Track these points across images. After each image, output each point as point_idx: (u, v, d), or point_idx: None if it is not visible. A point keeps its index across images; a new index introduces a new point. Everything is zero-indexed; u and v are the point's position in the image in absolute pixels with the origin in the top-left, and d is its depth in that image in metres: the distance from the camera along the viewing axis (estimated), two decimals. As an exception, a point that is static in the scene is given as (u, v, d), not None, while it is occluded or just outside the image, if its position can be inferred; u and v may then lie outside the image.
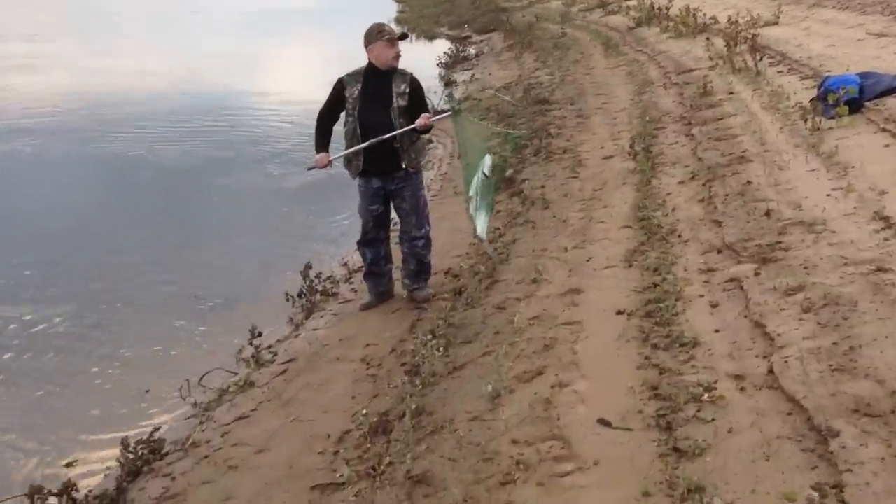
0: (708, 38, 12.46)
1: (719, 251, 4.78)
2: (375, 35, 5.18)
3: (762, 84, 9.35)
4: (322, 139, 5.37)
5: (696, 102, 9.25)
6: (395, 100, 5.23)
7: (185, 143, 13.21)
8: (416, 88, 5.35)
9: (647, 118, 9.24)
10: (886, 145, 5.81)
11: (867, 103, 6.99)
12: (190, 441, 4.33)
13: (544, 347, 4.10)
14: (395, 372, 4.57)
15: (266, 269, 7.43)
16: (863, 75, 7.47)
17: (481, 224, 4.83)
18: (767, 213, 5.03)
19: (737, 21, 12.60)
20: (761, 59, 10.40)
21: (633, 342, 3.92)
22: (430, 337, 4.61)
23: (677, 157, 7.31)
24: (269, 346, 5.61)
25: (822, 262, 4.13)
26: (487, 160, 4.90)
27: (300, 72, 22.54)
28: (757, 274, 4.22)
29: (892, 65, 8.31)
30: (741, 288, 4.15)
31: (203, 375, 5.26)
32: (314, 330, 5.66)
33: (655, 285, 4.51)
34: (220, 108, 16.48)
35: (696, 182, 6.33)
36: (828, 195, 5.11)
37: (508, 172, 8.31)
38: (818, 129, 6.69)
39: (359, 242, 5.62)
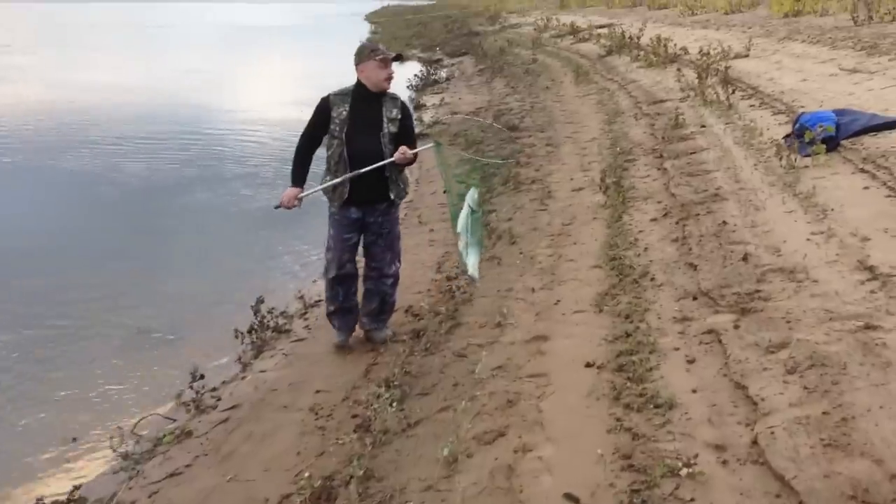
0: (679, 69, 12.33)
1: (695, 298, 4.50)
2: (367, 54, 4.79)
3: (734, 118, 9.17)
4: (300, 171, 4.92)
5: (667, 134, 9.04)
6: (385, 125, 4.86)
7: (150, 160, 12.80)
8: (406, 116, 5.03)
9: (618, 149, 9.01)
10: (866, 187, 5.59)
11: (843, 142, 6.80)
12: (114, 502, 3.92)
13: (507, 403, 3.76)
14: (346, 424, 4.20)
15: (220, 300, 7.00)
16: (839, 112, 7.29)
17: (472, 263, 4.49)
18: (745, 258, 4.76)
19: (708, 53, 12.50)
20: (733, 91, 10.25)
21: (603, 400, 3.60)
22: (383, 387, 4.25)
23: (649, 191, 7.06)
24: (214, 389, 5.20)
25: (805, 315, 3.86)
26: (473, 194, 4.56)
27: (271, 90, 22.21)
28: (736, 326, 3.93)
29: (867, 102, 8.17)
30: (719, 341, 3.86)
31: (138, 421, 4.84)
32: (262, 372, 5.27)
33: (627, 334, 4.20)
34: (188, 124, 16.10)
35: (669, 220, 6.07)
36: (807, 239, 4.86)
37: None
38: (793, 167, 6.48)
39: (332, 280, 5.12)
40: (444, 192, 5.49)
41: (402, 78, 19.59)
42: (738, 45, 14.02)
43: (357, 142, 4.78)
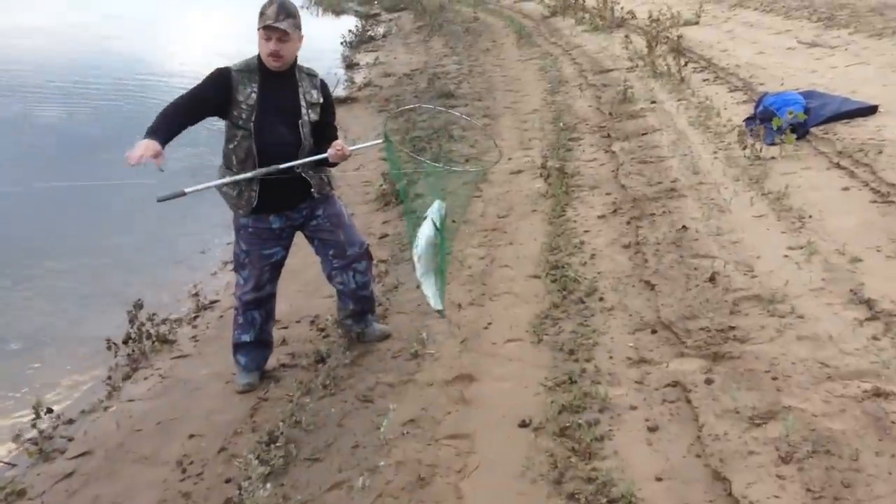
0: (626, 36, 11.50)
1: (654, 331, 3.69)
2: (259, 17, 3.58)
3: (687, 94, 8.40)
4: (165, 125, 3.47)
5: (615, 110, 8.22)
6: (304, 112, 3.73)
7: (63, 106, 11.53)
8: (328, 99, 3.89)
9: (562, 124, 8.17)
10: (846, 188, 4.85)
11: (813, 129, 6.06)
12: None
13: (419, 481, 2.92)
14: (215, 493, 3.30)
15: (97, 297, 5.97)
16: (807, 95, 6.56)
17: (432, 294, 3.37)
18: (712, 279, 3.97)
19: (658, 18, 11.69)
20: (685, 64, 9.47)
21: (541, 483, 2.78)
22: (263, 444, 3.35)
23: (596, 179, 6.24)
24: (70, 420, 4.25)
25: (795, 369, 3.08)
26: (437, 206, 3.46)
27: (205, 39, 20.63)
28: (708, 381, 3.14)
29: (832, 82, 7.46)
30: (688, 400, 3.07)
31: (-37, 471, 3.86)
32: (129, 401, 4.31)
33: (571, 380, 3.38)
34: (113, 72, 14.69)
35: (620, 218, 5.26)
36: (785, 256, 4.10)
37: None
38: (759, 157, 5.72)
39: (246, 303, 3.99)
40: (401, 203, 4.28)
41: (336, 33, 18.40)
42: (688, 12, 13.25)
43: (269, 133, 3.64)
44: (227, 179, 3.65)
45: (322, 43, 17.89)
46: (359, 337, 4.22)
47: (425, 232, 3.40)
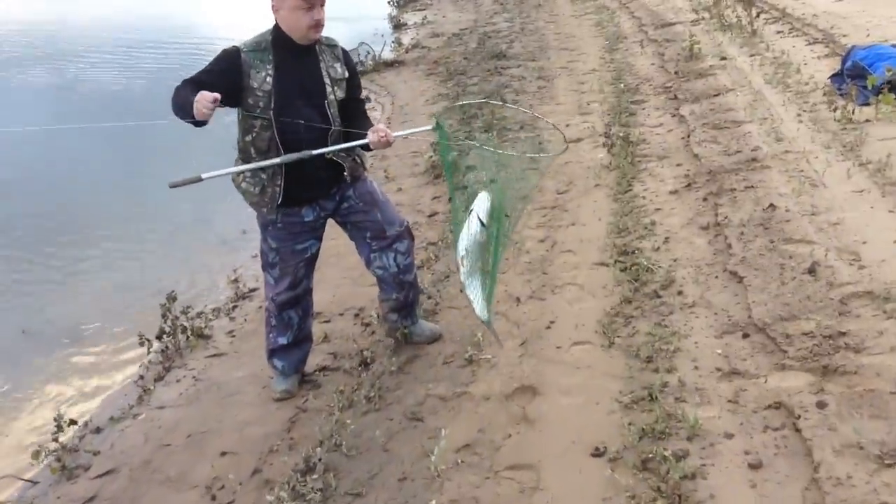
0: (691, -15, 10.76)
1: (745, 334, 3.18)
2: None
3: (761, 48, 7.72)
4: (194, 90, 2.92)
5: (681, 68, 7.59)
6: (329, 90, 3.25)
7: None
8: (353, 70, 3.40)
9: (622, 85, 7.57)
10: (962, 158, 4.23)
11: (912, 87, 5.39)
12: None
13: (475, 526, 2.49)
14: (247, 527, 2.93)
15: (131, 285, 5.66)
16: (903, 47, 5.86)
17: (477, 299, 2.94)
18: (812, 270, 3.43)
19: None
20: (757, 15, 8.74)
21: (622, 533, 2.32)
22: (299, 475, 2.96)
23: (664, 148, 5.67)
24: (97, 429, 3.93)
25: (928, 391, 2.56)
26: (484, 199, 3.02)
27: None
28: (821, 404, 2.62)
29: (928, 31, 6.73)
30: (796, 429, 2.56)
31: (-21, 490, 3.57)
32: (160, 408, 3.97)
33: (652, 396, 2.91)
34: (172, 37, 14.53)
35: (695, 193, 4.71)
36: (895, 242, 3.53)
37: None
38: (851, 121, 5.10)
39: (280, 305, 3.54)
40: (449, 197, 3.68)
41: (384, -9, 17.80)
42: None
43: (292, 119, 3.14)
44: (251, 165, 3.19)
45: (368, 1, 17.38)
46: (405, 338, 3.77)
47: (471, 229, 2.94)
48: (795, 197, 4.20)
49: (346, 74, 3.34)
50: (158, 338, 4.56)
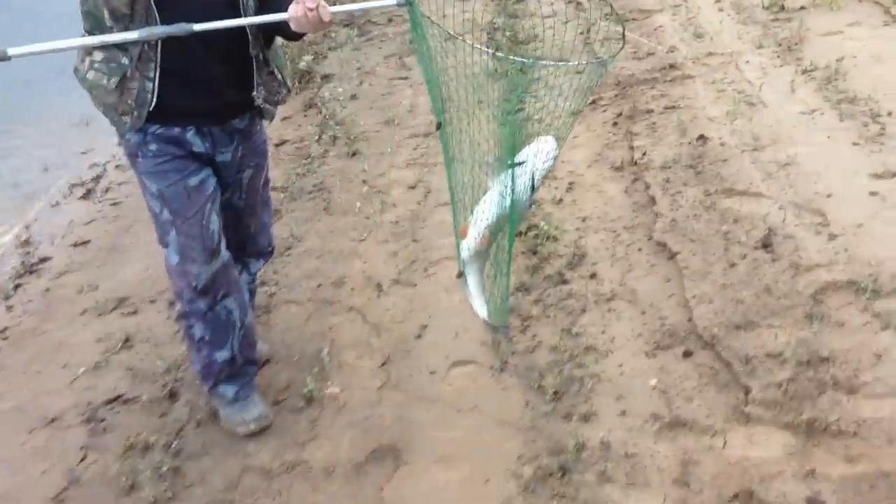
0: None
1: (687, 352, 2.28)
2: None
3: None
4: None
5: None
6: None
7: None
8: None
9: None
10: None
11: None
12: None
13: None
14: None
15: None
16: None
17: (478, 295, 2.13)
18: (767, 244, 2.53)
19: None
20: None
21: None
22: None
23: (560, 49, 4.59)
24: None
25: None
26: (510, 175, 1.82)
27: None
28: (813, 501, 1.76)
29: None
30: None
31: None
32: None
33: (562, 471, 2.00)
34: None
35: (601, 114, 3.73)
36: (872, 193, 2.66)
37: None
38: (783, 8, 4.16)
39: (205, 293, 2.23)
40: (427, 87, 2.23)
41: None
42: None
43: None
44: (97, 38, 1.84)
45: None
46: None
47: (492, 207, 1.88)
48: (730, 122, 3.27)
49: None
50: None
